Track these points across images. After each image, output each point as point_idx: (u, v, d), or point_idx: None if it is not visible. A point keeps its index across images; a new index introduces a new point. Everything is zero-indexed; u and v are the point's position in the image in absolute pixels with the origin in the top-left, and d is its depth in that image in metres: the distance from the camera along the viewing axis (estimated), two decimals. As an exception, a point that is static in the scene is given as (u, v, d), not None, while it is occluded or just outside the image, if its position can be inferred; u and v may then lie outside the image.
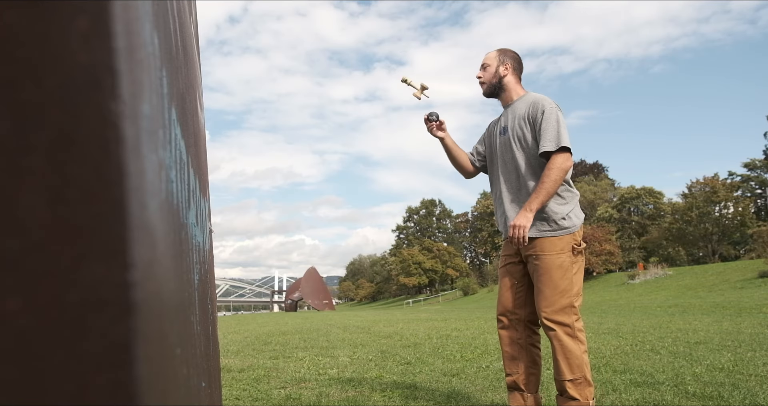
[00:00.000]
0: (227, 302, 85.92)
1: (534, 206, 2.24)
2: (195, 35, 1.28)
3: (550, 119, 2.29)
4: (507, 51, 2.51)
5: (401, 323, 10.48)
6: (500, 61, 2.48)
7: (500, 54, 2.50)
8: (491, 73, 2.48)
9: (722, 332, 6.01)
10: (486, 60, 2.51)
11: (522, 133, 2.38)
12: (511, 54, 2.51)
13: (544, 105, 2.33)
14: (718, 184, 41.55)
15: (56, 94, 0.25)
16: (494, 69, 2.48)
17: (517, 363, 2.37)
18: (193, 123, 0.90)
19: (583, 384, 2.20)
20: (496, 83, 2.48)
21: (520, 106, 2.42)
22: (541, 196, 2.23)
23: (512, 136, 2.41)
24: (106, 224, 0.26)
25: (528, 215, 2.23)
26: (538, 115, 2.32)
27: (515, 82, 2.50)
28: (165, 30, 0.50)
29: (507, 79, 2.48)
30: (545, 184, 2.23)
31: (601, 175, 59.37)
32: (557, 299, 2.23)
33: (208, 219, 1.37)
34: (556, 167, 2.23)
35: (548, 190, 2.23)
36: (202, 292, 0.91)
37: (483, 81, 2.51)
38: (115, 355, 0.25)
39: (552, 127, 2.27)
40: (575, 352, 2.19)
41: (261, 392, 3.30)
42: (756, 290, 17.89)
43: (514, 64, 2.49)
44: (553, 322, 2.22)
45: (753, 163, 47.69)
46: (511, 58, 2.49)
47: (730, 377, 3.19)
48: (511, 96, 2.49)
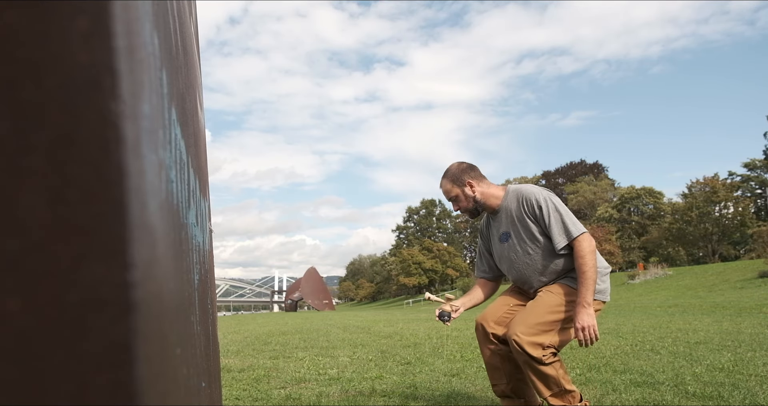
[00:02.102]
0: (227, 302, 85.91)
1: (589, 299, 2.16)
2: (195, 35, 1.28)
3: (550, 214, 2.24)
4: (454, 171, 2.43)
5: (401, 323, 10.48)
6: (460, 185, 2.40)
7: (453, 180, 2.41)
8: (464, 201, 2.41)
9: (722, 332, 6.01)
10: (448, 194, 2.43)
11: (531, 233, 2.31)
12: (460, 169, 2.42)
13: (539, 200, 2.27)
14: (718, 184, 41.55)
15: (56, 94, 0.25)
16: (463, 196, 2.41)
17: (499, 373, 2.35)
18: (193, 123, 0.90)
19: (563, 393, 2.19)
20: (474, 205, 2.42)
21: (511, 207, 2.36)
22: (590, 285, 2.16)
23: (520, 240, 2.35)
24: (106, 224, 0.26)
25: (589, 311, 2.16)
26: (537, 213, 2.27)
27: (486, 187, 2.41)
28: (165, 30, 0.50)
29: (479, 194, 2.40)
30: (587, 273, 2.16)
31: (601, 176, 59.38)
32: (536, 332, 2.17)
33: (208, 219, 1.37)
34: (586, 253, 2.18)
35: (592, 277, 2.17)
36: (202, 292, 0.91)
37: (464, 212, 2.46)
38: (115, 355, 0.25)
39: (556, 221, 2.23)
40: (548, 372, 2.16)
41: (261, 392, 3.30)
42: (756, 290, 17.89)
43: (471, 175, 2.41)
44: (522, 350, 2.16)
45: (753, 163, 47.69)
46: (464, 174, 2.41)
47: (730, 377, 3.19)
48: (493, 203, 2.41)
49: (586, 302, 2.15)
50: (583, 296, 2.16)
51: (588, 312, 2.15)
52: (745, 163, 48.26)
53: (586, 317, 2.14)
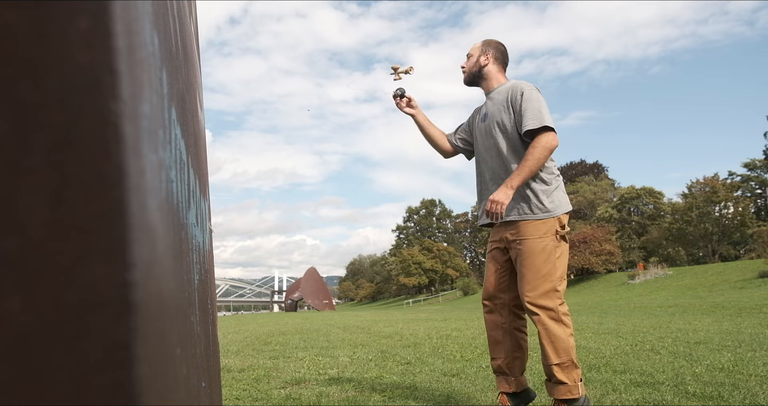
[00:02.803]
0: (227, 302, 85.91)
1: (515, 182, 2.20)
2: (195, 36, 1.28)
3: (531, 99, 2.28)
4: (491, 42, 2.55)
5: (401, 323, 10.48)
6: (482, 51, 2.52)
7: (483, 45, 2.54)
8: (472, 63, 2.52)
9: (722, 332, 6.01)
10: (470, 50, 2.56)
11: (502, 118, 2.38)
12: (495, 44, 2.54)
13: (523, 87, 2.34)
14: (718, 184, 41.53)
15: (56, 94, 0.25)
16: (476, 58, 2.52)
17: (500, 347, 2.38)
18: (193, 123, 0.90)
19: (570, 367, 2.19)
20: (476, 72, 2.52)
21: (500, 92, 2.45)
22: (524, 173, 2.20)
23: (492, 121, 2.42)
24: (106, 224, 0.26)
25: (508, 191, 2.20)
26: (518, 98, 2.32)
27: (497, 71, 2.52)
28: (165, 30, 0.50)
29: (487, 68, 2.50)
30: (528, 162, 2.20)
31: (601, 176, 59.36)
32: (540, 284, 2.22)
33: (208, 219, 1.37)
34: (540, 146, 2.21)
35: (531, 167, 2.20)
36: (202, 292, 0.91)
37: (464, 69, 2.56)
38: (115, 355, 0.25)
39: (533, 106, 2.27)
40: (560, 335, 2.19)
41: (261, 392, 3.30)
42: (756, 290, 17.89)
43: (496, 53, 2.52)
44: (537, 306, 2.21)
45: (753, 163, 47.67)
46: (493, 49, 2.53)
47: (730, 377, 3.19)
48: (492, 84, 2.51)
49: (510, 183, 2.20)
50: (512, 178, 2.21)
51: (506, 192, 2.19)
52: (745, 163, 48.25)
53: (502, 194, 2.19)
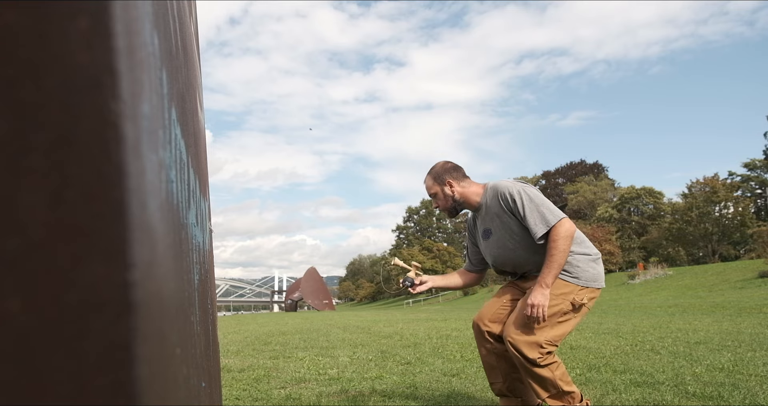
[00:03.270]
0: (227, 302, 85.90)
1: (549, 280, 2.16)
2: (195, 36, 1.28)
3: (525, 206, 2.24)
4: (437, 170, 2.46)
5: (401, 323, 10.48)
6: (441, 183, 2.43)
7: (435, 178, 2.44)
8: (443, 199, 2.44)
9: (722, 332, 6.01)
10: (429, 190, 2.47)
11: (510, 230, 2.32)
12: (443, 169, 2.45)
13: (512, 194, 2.27)
14: (718, 184, 41.53)
15: (56, 94, 0.25)
16: (442, 194, 2.43)
17: (496, 372, 2.36)
18: (193, 123, 0.90)
19: (561, 394, 2.18)
20: (453, 205, 2.44)
21: (491, 205, 2.38)
22: (554, 269, 2.16)
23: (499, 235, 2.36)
24: (106, 224, 0.26)
25: (545, 292, 2.16)
26: (512, 206, 2.27)
27: (467, 187, 2.43)
28: (165, 30, 0.50)
29: (459, 194, 2.42)
30: (554, 256, 2.16)
31: (601, 176, 59.35)
32: (529, 333, 2.17)
33: (208, 219, 1.37)
34: (560, 238, 2.17)
35: (559, 261, 2.16)
36: (202, 292, 0.91)
37: (442, 210, 2.48)
38: (114, 355, 0.25)
39: (530, 211, 2.22)
40: (544, 374, 2.16)
41: (261, 392, 3.30)
42: (756, 290, 17.89)
43: (452, 176, 2.43)
44: (517, 350, 2.17)
45: (753, 164, 47.67)
46: (446, 174, 2.43)
47: (730, 377, 3.19)
48: (473, 200, 2.43)
49: (544, 282, 2.16)
50: (543, 276, 2.17)
51: (543, 292, 2.15)
52: (745, 163, 48.23)
53: (540, 296, 2.15)
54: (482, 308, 2.47)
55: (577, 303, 2.22)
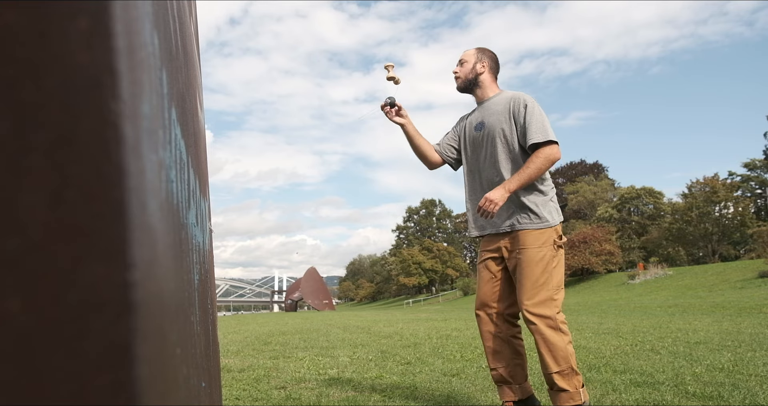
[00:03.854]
0: (227, 302, 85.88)
1: (513, 186, 2.22)
2: (195, 36, 1.28)
3: (534, 113, 2.30)
4: (486, 50, 2.53)
5: (401, 323, 10.48)
6: (478, 59, 2.50)
7: (479, 52, 2.52)
8: (468, 69, 2.50)
9: (722, 332, 6.01)
10: (464, 56, 2.53)
11: (502, 128, 2.38)
12: (489, 53, 2.53)
13: (525, 100, 2.34)
14: (718, 184, 41.52)
15: (56, 94, 0.25)
16: (471, 65, 2.49)
17: (499, 356, 2.37)
18: (193, 123, 0.90)
19: (571, 374, 2.19)
20: (472, 79, 2.50)
21: (498, 102, 2.44)
22: (523, 179, 2.22)
23: (491, 131, 2.41)
24: (106, 224, 0.26)
25: (504, 193, 2.21)
26: (521, 109, 2.33)
27: (491, 80, 2.51)
28: (165, 30, 0.50)
29: (483, 76, 2.49)
30: (529, 169, 2.22)
31: (601, 176, 59.34)
32: (537, 292, 2.23)
33: (208, 219, 1.37)
34: (543, 156, 2.23)
35: (530, 175, 2.22)
36: (202, 292, 0.91)
37: (458, 76, 2.53)
38: (115, 355, 0.25)
39: (537, 120, 2.29)
40: (558, 344, 2.18)
41: (261, 392, 3.30)
42: (756, 290, 17.88)
43: (491, 63, 2.51)
44: (534, 315, 2.21)
45: (753, 164, 47.67)
46: (489, 58, 2.51)
47: (730, 377, 3.19)
48: (486, 93, 2.50)
49: (508, 186, 2.21)
50: (510, 181, 2.23)
51: (501, 193, 2.20)
52: (745, 163, 48.24)
53: (497, 195, 2.20)
54: (478, 294, 2.49)
55: (557, 242, 2.30)
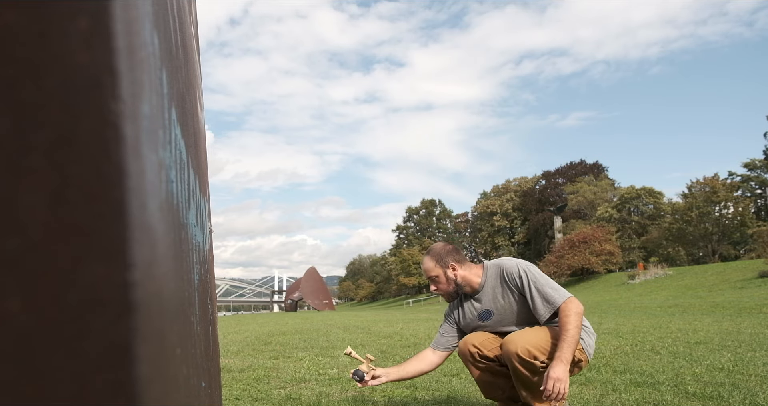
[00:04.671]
0: (227, 302, 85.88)
1: (568, 355, 2.09)
2: (195, 36, 1.28)
3: (532, 284, 2.23)
4: (439, 251, 2.41)
5: (401, 323, 10.48)
6: (443, 266, 2.38)
7: (437, 260, 2.39)
8: (445, 284, 2.39)
9: (722, 332, 6.01)
10: (429, 273, 2.41)
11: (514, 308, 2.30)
12: (443, 251, 2.40)
13: (518, 272, 2.26)
14: (718, 184, 41.52)
15: (56, 94, 0.25)
16: (444, 278, 2.38)
17: (493, 386, 2.35)
18: (193, 123, 0.90)
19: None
20: (455, 288, 2.39)
21: (493, 286, 2.35)
22: (571, 343, 2.11)
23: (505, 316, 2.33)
24: (106, 224, 0.26)
25: (565, 367, 2.08)
26: (518, 284, 2.26)
27: (467, 270, 2.39)
28: (165, 30, 0.50)
29: (460, 276, 2.37)
30: (569, 332, 2.11)
31: (601, 176, 59.33)
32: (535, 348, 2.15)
33: (208, 219, 1.37)
34: (572, 313, 2.15)
35: (574, 336, 2.11)
36: (202, 292, 0.91)
37: (441, 293, 2.42)
38: (114, 355, 0.25)
39: (537, 291, 2.22)
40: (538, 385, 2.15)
41: (261, 392, 3.30)
42: (756, 290, 17.88)
43: (454, 258, 2.39)
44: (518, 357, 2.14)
45: (753, 163, 47.67)
46: (448, 256, 2.39)
47: (730, 377, 3.19)
48: (474, 285, 2.38)
49: (564, 358, 2.08)
50: (562, 351, 2.09)
51: (563, 368, 2.06)
52: (745, 163, 48.24)
53: (561, 372, 2.05)
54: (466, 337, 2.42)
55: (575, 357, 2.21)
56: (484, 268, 2.39)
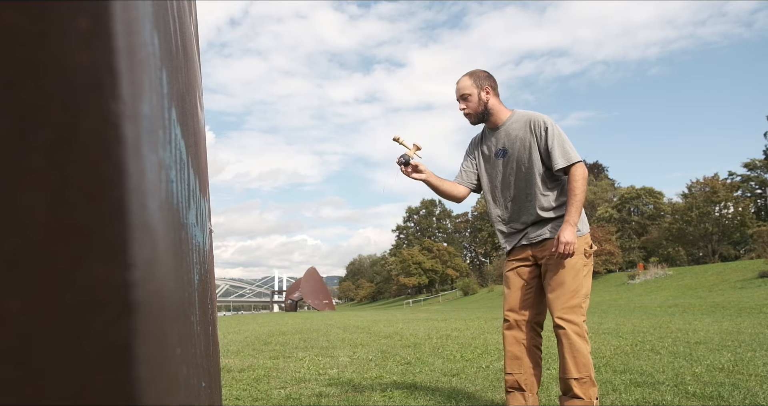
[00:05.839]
0: (227, 302, 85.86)
1: (575, 218, 2.27)
2: (195, 36, 1.28)
3: (555, 136, 2.32)
4: (479, 74, 2.44)
5: (401, 323, 10.48)
6: (479, 87, 2.41)
7: (474, 79, 2.42)
8: (475, 102, 2.42)
9: (722, 332, 6.01)
10: (463, 90, 2.43)
11: (528, 154, 2.37)
12: (484, 75, 2.44)
13: (545, 122, 2.34)
14: (718, 184, 41.55)
15: (56, 94, 0.25)
16: (476, 97, 2.41)
17: (520, 363, 2.38)
18: (193, 123, 0.90)
19: (588, 383, 2.22)
20: (483, 110, 2.43)
21: (515, 127, 2.40)
22: (578, 207, 2.28)
23: (517, 157, 2.40)
24: (106, 224, 0.26)
25: (573, 230, 2.26)
26: (542, 133, 2.34)
27: (498, 102, 2.45)
28: (165, 30, 0.50)
29: (491, 102, 2.42)
30: (578, 196, 2.28)
31: (601, 176, 59.36)
32: (568, 299, 2.27)
33: (208, 219, 1.37)
34: (581, 178, 2.29)
35: (581, 199, 2.29)
36: (202, 292, 0.91)
37: (469, 112, 2.45)
38: (115, 355, 0.25)
39: (559, 143, 2.32)
40: (583, 351, 2.22)
41: (261, 392, 3.30)
42: (756, 290, 17.88)
43: (491, 84, 2.43)
44: (564, 320, 2.25)
45: (753, 163, 47.68)
46: (486, 80, 2.43)
47: (730, 377, 3.19)
48: (500, 118, 2.44)
49: (572, 220, 2.26)
50: (570, 214, 2.27)
51: (572, 230, 2.25)
52: (745, 163, 48.27)
53: (569, 234, 2.24)
54: (507, 299, 2.48)
55: (587, 252, 2.35)
56: (513, 112, 2.47)
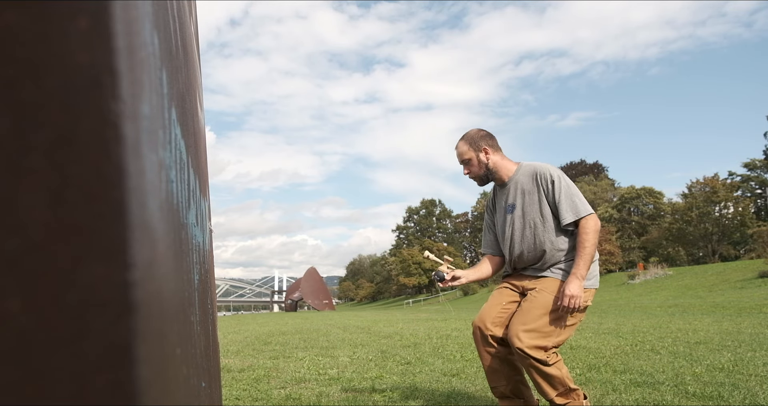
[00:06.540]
0: (227, 302, 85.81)
1: (583, 272, 2.20)
2: (195, 36, 1.28)
3: (562, 189, 2.27)
4: (473, 135, 2.43)
5: (401, 323, 10.48)
6: (476, 149, 2.39)
7: (471, 143, 2.41)
8: (476, 166, 2.40)
9: (722, 332, 6.01)
10: (462, 156, 2.42)
11: (537, 209, 2.33)
12: (479, 135, 2.42)
13: (551, 175, 2.30)
14: (718, 184, 41.54)
15: (56, 94, 0.25)
16: (476, 160, 2.40)
17: (498, 375, 2.35)
18: (193, 123, 0.90)
19: (568, 392, 2.20)
20: (486, 172, 2.41)
21: (522, 181, 2.37)
22: (587, 260, 2.21)
23: (525, 213, 2.37)
24: (106, 224, 0.26)
25: (580, 283, 2.20)
26: (549, 187, 2.30)
27: (501, 158, 2.42)
28: (165, 30, 0.50)
29: (492, 161, 2.39)
30: (587, 249, 2.21)
31: (601, 176, 59.38)
32: (537, 336, 2.18)
33: (208, 219, 1.37)
34: (591, 231, 2.23)
35: (590, 253, 2.22)
36: (202, 292, 0.91)
37: (473, 177, 2.44)
38: (115, 355, 0.25)
39: (567, 197, 2.27)
40: (552, 373, 2.17)
41: (261, 392, 3.30)
42: (756, 290, 17.88)
43: (488, 143, 2.40)
44: (526, 354, 2.17)
45: (753, 163, 47.67)
46: (482, 140, 2.40)
47: (730, 377, 3.19)
48: (506, 174, 2.42)
49: (580, 273, 2.21)
50: (578, 267, 2.22)
51: (578, 284, 2.20)
52: (745, 163, 48.25)
53: (575, 288, 2.19)
54: (481, 311, 2.44)
55: (582, 305, 2.25)
56: (519, 165, 2.44)
